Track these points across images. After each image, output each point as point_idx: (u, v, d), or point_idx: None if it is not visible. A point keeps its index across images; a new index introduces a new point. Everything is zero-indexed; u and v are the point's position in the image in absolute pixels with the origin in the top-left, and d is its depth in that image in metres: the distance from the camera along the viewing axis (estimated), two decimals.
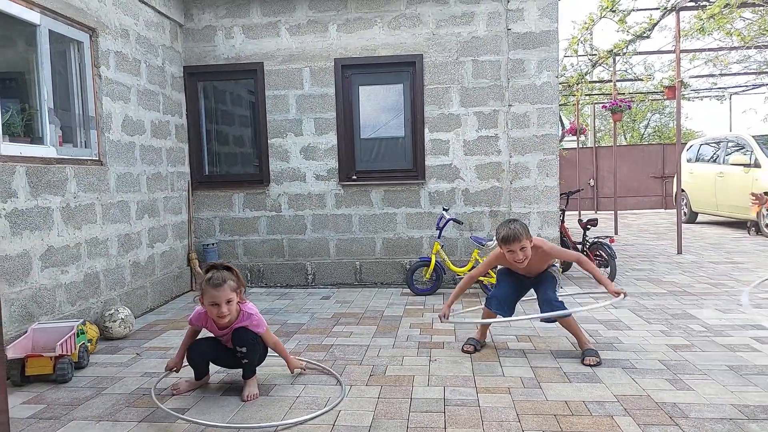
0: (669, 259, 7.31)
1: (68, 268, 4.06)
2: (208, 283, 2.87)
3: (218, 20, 6.04)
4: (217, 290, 2.85)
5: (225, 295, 2.87)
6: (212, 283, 2.86)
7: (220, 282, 2.86)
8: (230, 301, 2.89)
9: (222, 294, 2.86)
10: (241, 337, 3.00)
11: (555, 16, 5.70)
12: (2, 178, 3.46)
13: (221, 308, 2.87)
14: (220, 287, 2.85)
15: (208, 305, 2.90)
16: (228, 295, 2.88)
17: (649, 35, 8.87)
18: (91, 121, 4.50)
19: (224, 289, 2.86)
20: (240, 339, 3.00)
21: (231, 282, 2.90)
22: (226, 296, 2.87)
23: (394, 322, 4.54)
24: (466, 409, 2.80)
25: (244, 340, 3.00)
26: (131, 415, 2.84)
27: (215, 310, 2.88)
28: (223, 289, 2.86)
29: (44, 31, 3.97)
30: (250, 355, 3.03)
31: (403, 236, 6.02)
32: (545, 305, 3.57)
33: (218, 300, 2.86)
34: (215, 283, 2.86)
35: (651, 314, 4.54)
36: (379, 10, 5.87)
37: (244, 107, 6.46)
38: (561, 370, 3.32)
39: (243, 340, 3.00)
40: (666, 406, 2.77)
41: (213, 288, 2.86)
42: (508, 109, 5.80)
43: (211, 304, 2.88)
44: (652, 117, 28.75)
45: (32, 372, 3.24)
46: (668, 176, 15.77)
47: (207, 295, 2.88)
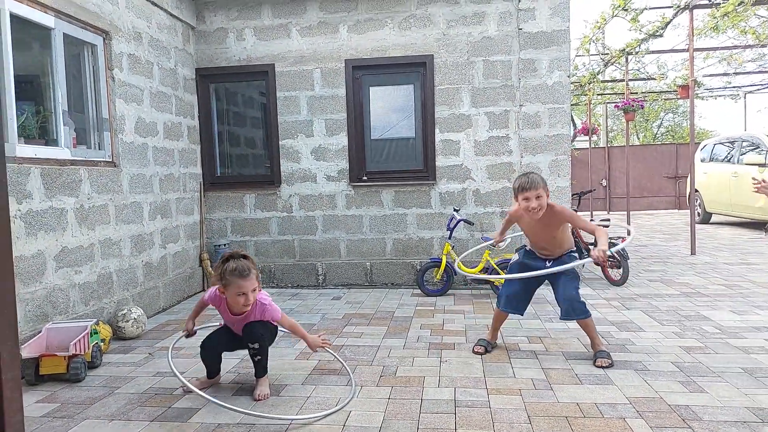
0: (682, 260, 7.23)
1: (82, 268, 4.10)
2: (234, 273, 2.88)
3: (230, 22, 6.08)
4: (244, 280, 2.88)
5: (251, 284, 2.91)
6: (240, 274, 2.88)
7: (248, 272, 2.89)
8: (254, 290, 2.95)
9: (249, 284, 2.90)
10: (253, 333, 3.02)
11: (566, 15, 5.67)
12: (17, 180, 3.51)
13: (248, 297, 2.90)
14: (247, 277, 2.89)
15: (234, 295, 2.91)
16: (254, 284, 2.92)
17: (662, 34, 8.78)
18: (105, 123, 4.55)
19: (251, 279, 2.90)
20: (252, 335, 3.03)
21: (254, 271, 2.95)
22: (252, 285, 2.91)
23: (404, 322, 4.54)
24: (477, 410, 2.79)
25: (256, 336, 3.03)
26: (143, 414, 2.87)
27: (242, 300, 2.90)
28: (250, 279, 2.90)
29: (59, 35, 4.03)
30: (262, 351, 3.06)
31: (413, 237, 6.02)
32: (566, 303, 3.49)
33: (246, 290, 2.89)
34: (243, 273, 2.88)
35: (664, 316, 4.49)
36: (389, 10, 5.88)
37: (255, 108, 6.50)
38: (572, 371, 3.30)
39: (255, 336, 3.03)
40: (679, 409, 2.74)
41: (240, 278, 2.88)
42: (519, 109, 5.77)
43: (239, 294, 2.90)
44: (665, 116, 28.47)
45: (46, 371, 3.28)
46: (682, 176, 15.60)
47: (233, 285, 2.89)
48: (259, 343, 3.04)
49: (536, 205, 3.36)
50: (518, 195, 3.43)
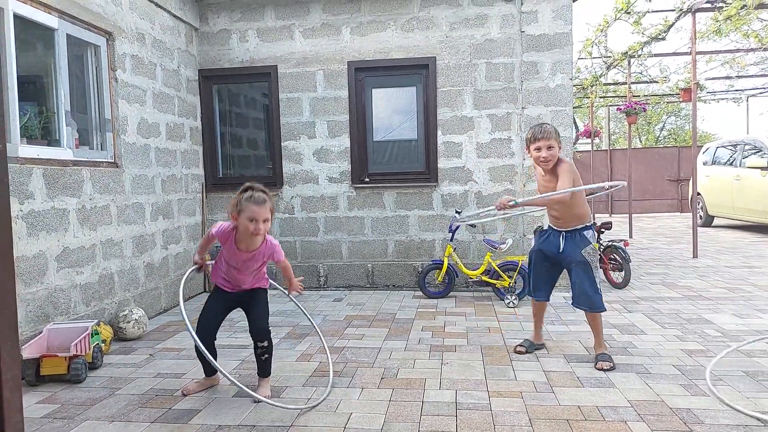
0: (684, 263, 7.21)
1: (83, 269, 4.11)
2: (250, 200, 2.90)
3: (233, 24, 6.09)
4: (258, 207, 2.89)
5: (264, 213, 2.90)
6: (255, 200, 2.90)
7: (263, 200, 2.91)
8: (266, 221, 2.93)
9: (262, 211, 2.89)
10: (260, 331, 3.04)
11: (569, 18, 5.67)
12: (20, 180, 3.51)
13: (258, 224, 2.90)
14: (262, 204, 2.90)
15: (246, 220, 2.90)
16: (266, 214, 2.92)
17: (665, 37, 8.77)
18: (107, 123, 4.56)
19: (265, 208, 2.91)
20: (260, 334, 3.04)
21: (270, 203, 2.95)
22: (265, 215, 2.91)
23: (406, 324, 4.53)
24: (478, 413, 2.79)
25: (264, 334, 3.05)
26: (144, 415, 2.86)
27: (252, 226, 2.90)
28: (264, 207, 2.90)
29: (62, 35, 4.04)
30: (269, 349, 3.08)
31: (415, 239, 6.02)
32: (576, 291, 3.48)
33: (258, 216, 2.88)
34: (258, 200, 2.90)
35: (665, 319, 4.48)
36: (392, 12, 5.88)
37: (257, 110, 6.50)
38: (574, 374, 3.29)
39: (263, 334, 3.05)
40: (680, 412, 2.73)
41: (255, 204, 2.89)
42: (522, 111, 5.77)
43: (249, 220, 2.89)
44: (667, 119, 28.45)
45: (47, 372, 3.28)
46: (684, 179, 15.58)
47: (246, 210, 2.89)
48: (268, 341, 3.06)
49: (546, 155, 3.36)
50: (530, 145, 3.44)
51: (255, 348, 3.08)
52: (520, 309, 4.97)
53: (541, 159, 3.40)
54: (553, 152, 3.38)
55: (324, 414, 2.82)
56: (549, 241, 3.62)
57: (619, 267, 5.72)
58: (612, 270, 5.79)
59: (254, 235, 2.93)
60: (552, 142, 3.37)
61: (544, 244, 3.66)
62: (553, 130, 3.41)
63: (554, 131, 3.40)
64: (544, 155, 3.37)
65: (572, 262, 3.50)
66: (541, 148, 3.38)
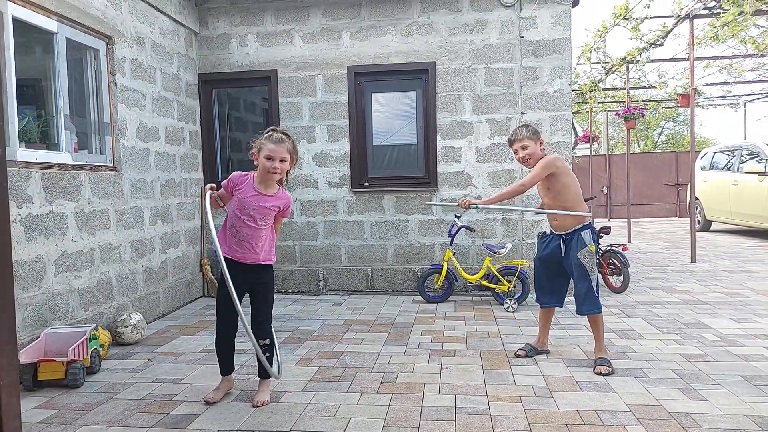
0: (683, 267, 7.22)
1: (81, 273, 4.10)
2: (269, 139, 2.93)
3: (232, 28, 6.10)
4: (276, 145, 2.90)
5: (281, 152, 2.91)
6: (273, 139, 2.92)
7: (281, 140, 2.92)
8: (284, 161, 2.94)
9: (279, 149, 2.90)
10: (262, 329, 3.04)
11: (568, 23, 5.69)
12: (18, 184, 3.51)
13: (275, 163, 2.91)
14: (280, 143, 2.91)
15: (264, 158, 2.92)
16: (284, 154, 2.92)
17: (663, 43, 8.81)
18: (106, 127, 4.56)
19: (282, 147, 2.92)
20: (261, 331, 3.04)
21: (288, 145, 2.95)
22: (282, 154, 2.91)
23: (405, 329, 4.53)
24: (477, 417, 2.78)
25: (266, 332, 3.05)
26: (142, 420, 2.85)
27: (269, 164, 2.91)
28: (281, 146, 2.91)
29: (61, 39, 4.04)
30: (272, 348, 3.08)
31: (414, 243, 6.01)
32: (576, 296, 3.52)
33: (274, 155, 2.90)
34: (276, 139, 2.92)
35: (664, 323, 4.48)
36: (392, 17, 5.90)
37: (257, 114, 6.51)
38: (573, 378, 3.29)
39: (264, 331, 3.04)
40: (679, 416, 2.73)
41: (272, 142, 2.91)
42: (521, 116, 5.78)
43: (267, 158, 2.91)
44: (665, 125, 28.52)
45: (44, 377, 3.27)
46: (682, 184, 15.61)
47: (265, 148, 2.92)
48: (270, 339, 3.06)
49: (523, 155, 3.52)
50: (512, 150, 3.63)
51: (260, 347, 3.06)
52: (519, 313, 4.96)
53: (519, 160, 3.59)
54: (528, 151, 3.52)
55: (323, 419, 2.81)
56: (549, 246, 3.64)
57: (618, 271, 5.72)
58: (611, 274, 5.80)
59: (271, 174, 2.93)
60: (525, 143, 3.51)
61: (544, 250, 3.68)
62: (525, 131, 3.52)
63: (526, 131, 3.52)
64: (520, 156, 3.56)
65: (571, 264, 3.52)
66: (517, 150, 3.57)
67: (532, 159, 3.52)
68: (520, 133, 3.54)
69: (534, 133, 3.53)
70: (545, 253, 3.66)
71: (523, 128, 3.57)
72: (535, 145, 3.51)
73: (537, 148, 3.52)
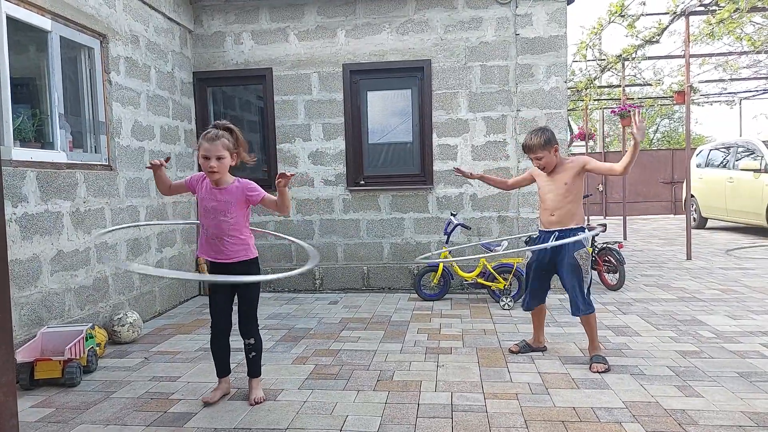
0: (678, 264, 7.25)
1: (78, 272, 4.09)
2: (204, 137, 2.90)
3: (227, 26, 6.08)
4: (210, 144, 2.87)
5: (216, 150, 2.87)
6: (207, 137, 2.89)
7: (214, 137, 2.88)
8: (221, 158, 2.89)
9: (213, 148, 2.87)
10: (249, 330, 3.04)
11: (563, 21, 5.70)
12: (13, 183, 3.49)
13: (210, 162, 2.87)
14: (213, 141, 2.87)
15: (201, 158, 2.91)
16: (219, 151, 2.87)
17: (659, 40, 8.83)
18: (101, 126, 4.54)
19: (216, 145, 2.87)
20: (246, 331, 3.04)
21: (225, 140, 2.90)
22: (217, 152, 2.87)
23: (401, 327, 4.53)
24: (474, 415, 2.79)
25: (251, 332, 3.05)
26: (139, 419, 2.85)
27: (206, 164, 2.89)
28: (215, 144, 2.87)
29: (55, 37, 4.02)
30: (257, 346, 3.07)
31: (410, 241, 6.02)
32: (572, 300, 3.49)
33: (209, 154, 2.87)
34: (210, 137, 2.89)
35: (660, 320, 4.50)
36: (387, 15, 5.89)
37: (252, 113, 6.50)
38: (569, 376, 3.30)
39: (250, 331, 3.04)
40: (675, 413, 2.74)
41: (206, 141, 2.88)
42: (517, 114, 5.79)
43: (203, 157, 2.89)
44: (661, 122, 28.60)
45: (41, 376, 3.26)
46: (678, 181, 15.66)
47: (201, 147, 2.90)
48: (255, 338, 3.06)
49: (539, 164, 3.60)
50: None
51: (244, 346, 3.08)
52: (515, 311, 4.98)
53: (537, 166, 3.66)
54: (543, 162, 3.56)
55: (320, 417, 2.82)
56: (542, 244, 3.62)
57: (614, 269, 5.74)
58: (606, 272, 5.81)
59: (210, 173, 2.90)
60: (538, 154, 3.54)
61: (539, 252, 3.66)
62: (537, 141, 3.51)
63: (538, 141, 3.51)
64: (537, 164, 3.64)
65: (563, 263, 3.50)
66: (532, 159, 3.63)
67: (548, 167, 3.57)
68: (533, 144, 3.52)
69: (546, 142, 3.50)
70: (540, 254, 3.64)
71: (536, 137, 3.51)
72: (549, 154, 3.52)
73: (551, 157, 3.53)
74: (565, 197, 3.52)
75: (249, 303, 3.07)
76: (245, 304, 3.07)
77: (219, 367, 3.14)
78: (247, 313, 3.06)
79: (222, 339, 3.10)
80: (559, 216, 3.54)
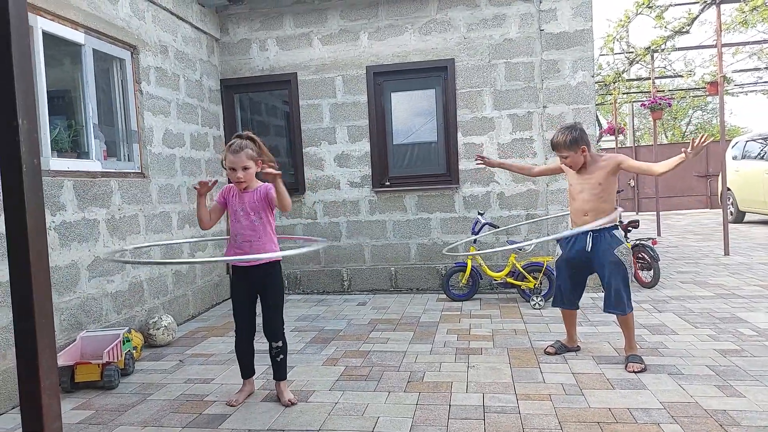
0: (716, 260, 7.04)
1: (114, 277, 4.20)
2: (229, 150, 2.97)
3: (252, 33, 6.17)
4: (234, 156, 2.94)
5: (241, 161, 2.94)
6: (231, 149, 2.96)
7: (238, 149, 2.94)
8: (247, 168, 2.96)
9: (238, 160, 2.94)
10: (274, 332, 3.08)
11: (589, 14, 5.60)
12: (51, 192, 3.61)
13: (237, 173, 2.95)
14: (237, 153, 2.94)
15: (228, 169, 2.99)
16: (244, 162, 2.94)
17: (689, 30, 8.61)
18: (134, 135, 4.66)
19: (241, 156, 2.94)
20: (272, 333, 3.08)
21: (249, 150, 2.97)
22: (242, 163, 2.94)
23: (430, 328, 4.52)
24: (506, 416, 2.76)
25: (278, 334, 3.09)
26: (176, 420, 2.91)
27: (233, 175, 2.97)
28: (239, 156, 2.94)
29: (88, 50, 4.15)
30: (284, 349, 3.11)
31: (438, 241, 6.00)
32: (608, 293, 3.41)
33: (235, 165, 2.95)
34: (234, 149, 2.95)
35: (697, 318, 4.38)
36: (409, 16, 5.89)
37: (278, 117, 6.57)
38: (603, 376, 3.24)
39: (276, 334, 3.08)
40: (716, 414, 2.66)
41: (231, 153, 2.95)
42: (543, 110, 5.72)
43: (230, 169, 2.97)
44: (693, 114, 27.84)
45: (81, 379, 3.36)
46: (713, 175, 15.22)
47: (227, 160, 2.97)
48: (282, 340, 3.09)
49: (566, 163, 3.53)
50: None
51: (270, 349, 3.11)
52: (546, 310, 4.91)
53: (564, 165, 3.60)
54: (570, 161, 3.50)
55: (352, 418, 2.83)
56: (575, 244, 3.54)
57: (648, 266, 5.61)
58: (640, 269, 5.69)
59: (238, 184, 2.99)
60: (563, 153, 3.48)
61: (570, 250, 3.57)
62: (563, 140, 3.43)
63: (564, 141, 3.43)
64: (563, 163, 3.58)
65: (605, 262, 3.42)
66: (559, 157, 3.58)
67: (574, 166, 3.52)
68: (558, 143, 3.47)
69: (573, 142, 3.41)
70: (571, 253, 3.57)
71: (563, 135, 3.44)
72: (576, 154, 3.44)
73: (578, 157, 3.45)
74: (599, 197, 3.44)
75: (274, 305, 3.10)
76: (270, 307, 3.10)
77: (243, 367, 3.21)
78: (271, 316, 3.09)
79: (246, 342, 3.16)
80: (593, 217, 3.44)
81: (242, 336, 3.15)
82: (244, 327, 3.15)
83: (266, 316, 3.10)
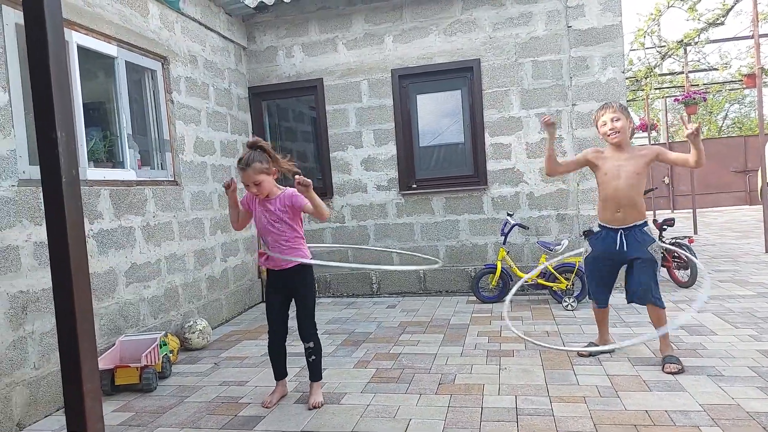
0: (756, 258, 6.80)
1: (150, 283, 4.31)
2: (238, 167, 3.04)
3: (279, 40, 6.26)
4: (243, 172, 2.99)
5: (250, 178, 2.98)
6: (239, 167, 3.02)
7: (245, 165, 2.98)
8: (258, 183, 3.00)
9: (246, 177, 2.99)
10: (306, 334, 3.11)
11: (618, 9, 5.49)
12: (89, 201, 3.73)
13: (251, 188, 3.02)
14: (245, 170, 2.98)
15: (244, 185, 3.05)
16: (253, 177, 2.98)
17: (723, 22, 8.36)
18: (166, 144, 4.78)
19: (248, 173, 2.97)
20: (305, 335, 3.12)
21: (257, 164, 2.98)
22: (252, 179, 2.98)
23: (461, 330, 4.49)
24: (540, 418, 2.73)
25: (309, 335, 3.12)
26: (212, 422, 2.97)
27: (248, 189, 3.05)
28: (247, 173, 2.97)
29: (121, 63, 4.27)
30: (316, 350, 3.14)
31: (466, 243, 5.96)
32: (638, 288, 3.33)
33: (247, 181, 3.00)
34: (240, 167, 3.00)
35: (738, 318, 4.24)
36: (434, 17, 5.89)
37: (305, 123, 6.64)
38: (640, 377, 3.17)
39: (307, 335, 3.12)
40: (759, 416, 2.57)
41: (240, 171, 3.01)
42: (572, 108, 5.63)
43: (245, 184, 3.03)
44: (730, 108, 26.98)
45: (121, 382, 3.46)
46: (752, 170, 14.72)
47: (240, 176, 3.03)
48: (314, 341, 3.13)
49: (612, 127, 3.36)
50: (597, 123, 3.48)
51: (304, 350, 3.16)
52: (579, 311, 4.83)
53: (608, 131, 3.38)
54: (617, 124, 3.36)
55: (383, 420, 2.84)
56: (606, 241, 3.47)
57: (685, 265, 5.46)
58: (677, 269, 5.54)
59: (256, 196, 3.06)
60: (617, 114, 3.37)
61: (600, 247, 3.51)
62: (619, 105, 3.41)
63: (620, 106, 3.40)
64: (610, 127, 3.38)
65: (638, 259, 3.35)
66: (606, 122, 3.39)
67: (620, 134, 3.36)
68: (612, 104, 3.42)
69: (625, 108, 3.43)
70: (601, 248, 3.51)
71: (618, 103, 3.44)
72: (626, 120, 3.39)
73: (627, 124, 3.40)
74: (635, 188, 3.35)
75: (306, 307, 3.15)
76: (302, 309, 3.15)
77: (276, 369, 3.26)
78: (304, 317, 3.14)
79: (278, 343, 3.22)
80: (625, 212, 3.37)
81: (275, 338, 3.21)
82: (277, 329, 3.20)
83: (300, 316, 3.15)
